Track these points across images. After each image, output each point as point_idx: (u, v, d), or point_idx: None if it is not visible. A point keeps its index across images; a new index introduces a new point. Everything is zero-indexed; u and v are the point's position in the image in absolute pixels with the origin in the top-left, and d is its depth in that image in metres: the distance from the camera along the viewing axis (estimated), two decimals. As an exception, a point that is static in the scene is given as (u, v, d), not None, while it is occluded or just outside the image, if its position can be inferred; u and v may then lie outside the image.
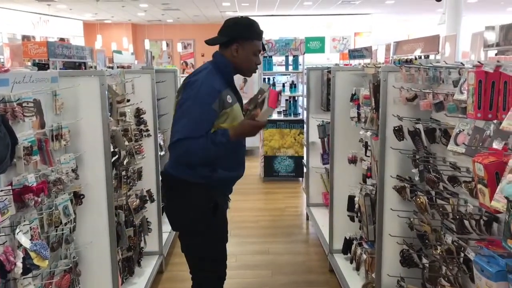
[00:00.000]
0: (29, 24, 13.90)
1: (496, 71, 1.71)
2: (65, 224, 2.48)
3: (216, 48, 2.48)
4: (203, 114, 2.23)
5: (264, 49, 2.49)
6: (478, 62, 1.77)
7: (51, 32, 14.71)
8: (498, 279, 1.58)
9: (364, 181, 3.43)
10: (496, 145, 1.66)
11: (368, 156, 3.29)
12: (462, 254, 2.12)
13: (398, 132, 2.74)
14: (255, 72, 2.63)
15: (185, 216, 2.41)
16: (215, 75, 2.33)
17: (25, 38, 13.06)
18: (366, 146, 3.34)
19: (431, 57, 3.37)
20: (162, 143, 4.69)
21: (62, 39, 14.22)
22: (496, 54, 3.89)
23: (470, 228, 2.04)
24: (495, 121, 1.80)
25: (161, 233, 4.08)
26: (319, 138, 4.91)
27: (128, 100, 3.46)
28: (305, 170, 5.95)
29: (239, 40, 2.35)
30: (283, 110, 7.39)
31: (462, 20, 9.72)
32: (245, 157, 2.57)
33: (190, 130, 2.20)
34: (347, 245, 3.82)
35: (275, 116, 7.36)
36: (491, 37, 2.36)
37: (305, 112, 6.27)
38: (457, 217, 2.12)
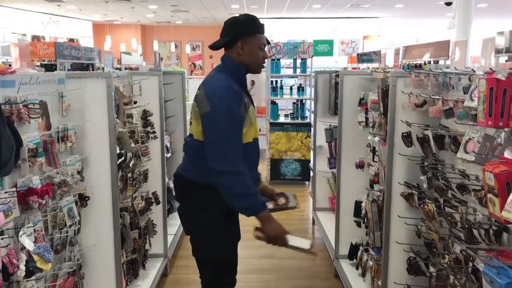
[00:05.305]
0: (39, 24, 13.97)
1: (508, 78, 1.68)
2: (70, 226, 2.47)
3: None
4: (236, 123, 2.23)
5: (268, 42, 2.44)
6: (490, 69, 1.74)
7: (60, 33, 14.77)
8: (507, 291, 1.55)
9: (371, 187, 3.40)
10: (508, 154, 1.63)
11: (376, 162, 3.26)
12: (471, 264, 2.08)
13: (407, 138, 2.70)
14: (263, 68, 2.58)
15: (198, 219, 2.38)
16: (231, 79, 2.30)
17: (35, 38, 13.13)
18: (373, 151, 3.31)
19: (441, 62, 3.33)
20: (168, 145, 4.68)
21: (71, 40, 14.29)
22: (506, 60, 3.83)
23: (479, 237, 2.00)
24: (506, 129, 1.77)
25: (166, 235, 4.08)
26: (326, 142, 4.89)
27: (135, 102, 3.46)
28: (311, 174, 5.93)
29: (242, 37, 2.31)
30: (290, 113, 7.36)
31: (472, 25, 9.64)
32: None
33: (234, 158, 2.19)
34: (353, 250, 3.79)
35: (282, 119, 7.34)
36: (501, 42, 2.32)
37: (312, 116, 6.24)
38: (466, 226, 2.08)
